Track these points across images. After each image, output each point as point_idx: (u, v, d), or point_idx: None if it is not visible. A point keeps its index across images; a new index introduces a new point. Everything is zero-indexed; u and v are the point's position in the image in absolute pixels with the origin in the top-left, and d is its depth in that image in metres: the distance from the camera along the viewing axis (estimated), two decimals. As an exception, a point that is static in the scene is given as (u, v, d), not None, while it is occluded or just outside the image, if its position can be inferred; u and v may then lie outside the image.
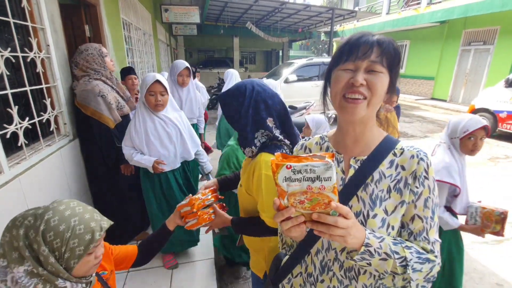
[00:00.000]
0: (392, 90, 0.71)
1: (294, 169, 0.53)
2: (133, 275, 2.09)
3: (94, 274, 0.93)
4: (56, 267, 0.79)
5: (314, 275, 0.79)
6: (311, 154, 0.57)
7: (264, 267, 1.18)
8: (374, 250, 0.62)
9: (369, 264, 0.64)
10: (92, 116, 1.99)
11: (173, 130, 1.88)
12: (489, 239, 2.75)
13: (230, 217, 1.19)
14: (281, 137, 1.06)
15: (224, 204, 1.29)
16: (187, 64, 2.73)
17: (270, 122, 1.05)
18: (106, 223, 0.88)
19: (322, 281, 0.77)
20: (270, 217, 1.03)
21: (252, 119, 1.04)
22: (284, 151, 1.06)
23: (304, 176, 0.53)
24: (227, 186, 1.42)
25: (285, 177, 0.54)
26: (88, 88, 1.97)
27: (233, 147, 1.81)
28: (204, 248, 2.39)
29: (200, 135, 3.21)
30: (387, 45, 0.68)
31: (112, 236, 2.42)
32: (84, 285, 0.86)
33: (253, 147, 1.05)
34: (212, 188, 1.30)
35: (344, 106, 0.69)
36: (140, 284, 2.01)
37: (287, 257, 0.90)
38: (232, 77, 3.57)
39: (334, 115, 4.24)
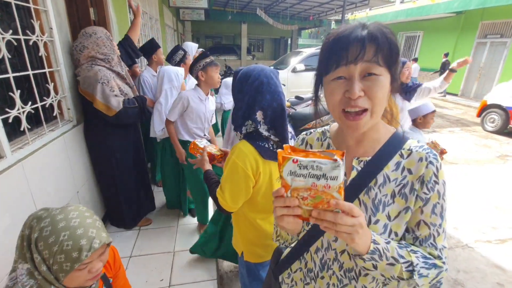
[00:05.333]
0: (395, 85, 0.64)
1: (300, 163, 0.51)
2: (135, 260, 2.13)
3: (95, 284, 0.91)
4: (47, 276, 0.78)
5: (315, 271, 0.78)
6: (321, 150, 0.54)
7: (241, 247, 1.33)
8: (382, 249, 0.59)
9: (375, 267, 0.61)
10: (94, 106, 1.94)
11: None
12: (492, 238, 2.72)
13: (209, 167, 1.35)
14: (265, 133, 1.09)
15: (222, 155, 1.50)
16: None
17: (259, 115, 1.08)
18: (100, 241, 0.80)
19: (322, 277, 0.76)
20: (222, 197, 1.13)
21: (246, 106, 1.08)
22: (267, 146, 1.10)
23: (310, 173, 0.51)
24: None
25: (290, 171, 0.52)
26: (90, 74, 1.92)
27: None
28: (205, 237, 2.43)
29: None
30: (381, 38, 0.57)
31: (116, 222, 2.49)
32: None
33: (238, 132, 1.12)
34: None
35: (346, 123, 0.63)
36: (141, 269, 2.05)
37: (287, 250, 0.90)
38: (189, 48, 3.48)
39: None
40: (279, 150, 0.55)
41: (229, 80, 3.95)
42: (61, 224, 0.78)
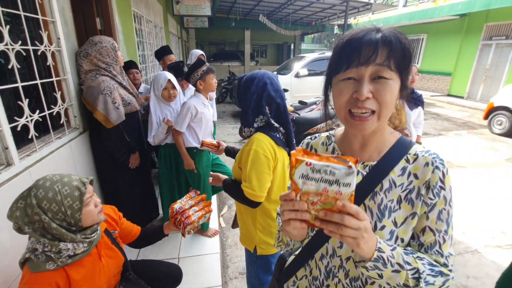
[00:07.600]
0: (404, 91, 0.63)
1: (313, 167, 0.50)
2: (140, 267, 2.12)
3: (99, 232, 1.09)
4: (59, 231, 0.93)
5: (320, 279, 0.76)
6: (334, 155, 0.53)
7: (254, 241, 1.37)
8: (387, 257, 0.57)
9: (381, 276, 0.59)
10: (94, 115, 1.96)
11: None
12: (502, 243, 2.66)
13: (224, 177, 1.43)
14: (276, 124, 1.25)
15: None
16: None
17: (267, 109, 1.25)
18: (86, 178, 1.00)
19: (328, 286, 0.74)
20: (249, 187, 1.21)
21: (254, 103, 1.24)
22: (278, 135, 1.25)
23: (322, 177, 0.50)
24: (230, 154, 1.75)
25: (302, 174, 0.51)
26: (93, 84, 1.94)
27: None
28: (210, 244, 2.42)
29: None
30: (395, 42, 0.57)
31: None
32: (86, 244, 1.01)
33: (251, 128, 1.27)
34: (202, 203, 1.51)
35: (351, 124, 0.62)
36: (146, 276, 2.04)
37: (291, 257, 0.89)
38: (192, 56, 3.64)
39: None
40: (292, 151, 0.54)
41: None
42: (47, 184, 0.94)
